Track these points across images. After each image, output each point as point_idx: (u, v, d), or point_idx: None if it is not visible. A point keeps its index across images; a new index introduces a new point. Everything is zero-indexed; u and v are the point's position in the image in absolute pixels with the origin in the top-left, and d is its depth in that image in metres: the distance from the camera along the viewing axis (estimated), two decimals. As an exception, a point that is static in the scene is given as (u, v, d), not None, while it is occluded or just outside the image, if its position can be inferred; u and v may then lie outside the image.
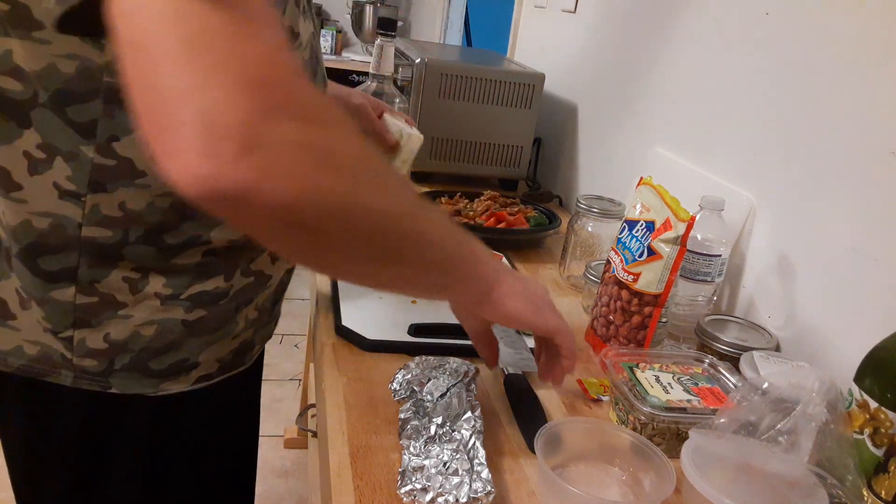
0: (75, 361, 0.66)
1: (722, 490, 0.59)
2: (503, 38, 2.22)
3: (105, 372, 0.67)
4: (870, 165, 0.81)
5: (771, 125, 0.98)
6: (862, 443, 0.64)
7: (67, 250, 0.63)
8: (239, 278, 0.71)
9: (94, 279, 0.64)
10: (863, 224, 0.81)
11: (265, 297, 0.77)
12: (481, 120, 1.54)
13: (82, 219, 0.62)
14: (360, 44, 4.28)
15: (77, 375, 0.67)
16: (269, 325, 0.82)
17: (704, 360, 0.82)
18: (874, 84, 0.81)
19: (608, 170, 1.47)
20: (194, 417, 0.75)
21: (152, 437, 0.74)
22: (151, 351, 0.67)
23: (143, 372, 0.68)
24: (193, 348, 0.70)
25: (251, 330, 0.76)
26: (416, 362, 0.77)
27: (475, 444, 0.64)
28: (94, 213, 0.62)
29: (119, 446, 0.73)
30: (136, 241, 0.63)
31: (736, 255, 1.02)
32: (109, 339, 0.66)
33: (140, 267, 0.65)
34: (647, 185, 0.89)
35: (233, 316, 0.72)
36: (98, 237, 0.62)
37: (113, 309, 0.65)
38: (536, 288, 0.71)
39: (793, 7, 0.95)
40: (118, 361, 0.67)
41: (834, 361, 0.83)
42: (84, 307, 0.65)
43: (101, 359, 0.66)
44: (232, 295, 0.71)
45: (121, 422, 0.71)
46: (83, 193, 0.61)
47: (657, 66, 1.29)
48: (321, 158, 0.44)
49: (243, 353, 0.77)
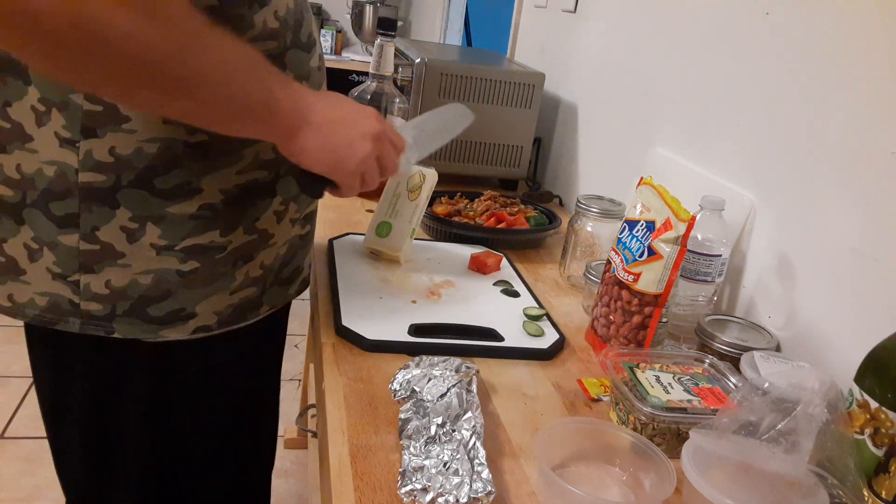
0: (82, 306, 0.71)
1: (722, 490, 0.59)
2: (503, 38, 2.22)
3: (108, 316, 0.72)
4: (870, 165, 0.81)
5: (771, 125, 0.98)
6: (862, 443, 0.64)
7: (70, 196, 0.68)
8: (240, 235, 0.75)
9: (94, 226, 0.69)
10: (863, 224, 0.81)
11: (271, 256, 0.80)
12: (481, 120, 1.53)
13: (78, 164, 0.67)
14: (360, 44, 4.28)
15: (84, 321, 0.72)
16: (280, 289, 0.84)
17: (705, 361, 0.82)
18: (874, 84, 0.81)
19: (608, 170, 1.47)
20: (198, 367, 0.80)
21: (159, 385, 0.78)
22: (149, 298, 0.72)
23: (142, 318, 0.72)
24: (189, 299, 0.74)
25: (254, 288, 0.79)
26: (416, 362, 0.77)
27: (475, 444, 0.64)
28: (87, 158, 0.67)
29: (128, 394, 0.78)
30: (129, 185, 0.68)
31: (736, 255, 1.02)
32: (110, 285, 0.71)
33: (137, 216, 0.69)
34: (648, 184, 0.89)
35: (229, 270, 0.75)
36: (93, 182, 0.67)
37: (112, 257, 0.70)
38: (345, 133, 0.72)
39: (793, 7, 0.95)
40: (119, 307, 0.71)
41: (834, 361, 0.83)
42: (87, 253, 0.69)
43: (104, 303, 0.71)
44: (230, 250, 0.75)
45: (127, 369, 0.76)
46: (77, 140, 0.66)
47: (657, 66, 1.29)
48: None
49: (245, 311, 0.79)
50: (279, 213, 0.79)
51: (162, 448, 0.82)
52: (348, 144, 0.73)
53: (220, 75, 0.60)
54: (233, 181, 0.73)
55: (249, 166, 0.74)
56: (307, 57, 0.78)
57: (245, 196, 0.74)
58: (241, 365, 0.85)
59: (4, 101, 0.67)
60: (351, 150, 0.73)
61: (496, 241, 1.22)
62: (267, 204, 0.77)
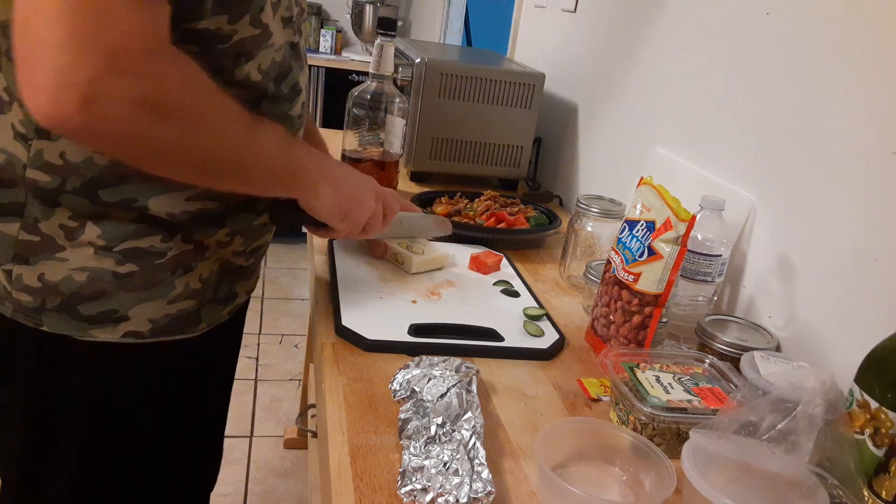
0: (14, 295, 0.72)
1: (722, 490, 0.59)
2: (503, 38, 2.22)
3: (38, 309, 0.72)
4: (870, 165, 0.81)
5: (771, 125, 0.98)
6: (862, 443, 0.64)
7: (16, 187, 0.69)
8: (178, 242, 0.75)
9: (37, 218, 0.70)
10: (863, 224, 0.81)
11: (208, 270, 0.80)
12: (481, 120, 1.54)
13: (27, 160, 0.68)
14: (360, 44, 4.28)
15: (15, 308, 0.73)
16: (216, 308, 0.83)
17: (705, 361, 0.82)
18: (874, 84, 0.81)
19: (608, 170, 1.47)
20: (135, 377, 0.79)
21: (95, 390, 0.78)
22: (81, 296, 0.72)
23: (72, 315, 0.72)
24: (124, 301, 0.74)
25: (193, 301, 0.79)
26: (416, 362, 0.77)
27: (475, 444, 0.64)
28: (37, 157, 0.68)
29: (65, 390, 0.77)
30: (73, 192, 0.69)
31: (736, 256, 1.02)
32: (43, 279, 0.71)
33: (77, 215, 0.70)
34: (648, 184, 0.89)
35: (168, 278, 0.75)
36: (39, 180, 0.68)
37: (51, 251, 0.71)
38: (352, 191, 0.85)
39: (793, 7, 0.95)
40: (49, 302, 0.72)
41: (834, 361, 0.83)
42: (25, 244, 0.70)
43: (34, 296, 0.72)
44: (170, 257, 0.75)
45: (62, 364, 0.76)
46: (31, 137, 0.67)
47: (657, 66, 1.29)
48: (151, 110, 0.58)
49: (184, 323, 0.79)
50: (223, 244, 0.79)
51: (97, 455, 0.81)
52: (358, 199, 0.86)
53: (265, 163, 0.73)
54: (181, 206, 0.73)
55: (200, 196, 0.74)
56: (287, 106, 0.80)
57: (191, 222, 0.75)
58: (179, 380, 0.84)
59: None
60: (360, 204, 0.86)
61: (496, 241, 1.22)
62: (212, 233, 0.77)
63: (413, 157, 1.53)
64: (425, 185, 1.55)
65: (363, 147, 1.37)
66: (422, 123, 1.50)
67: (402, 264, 1.06)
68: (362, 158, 1.36)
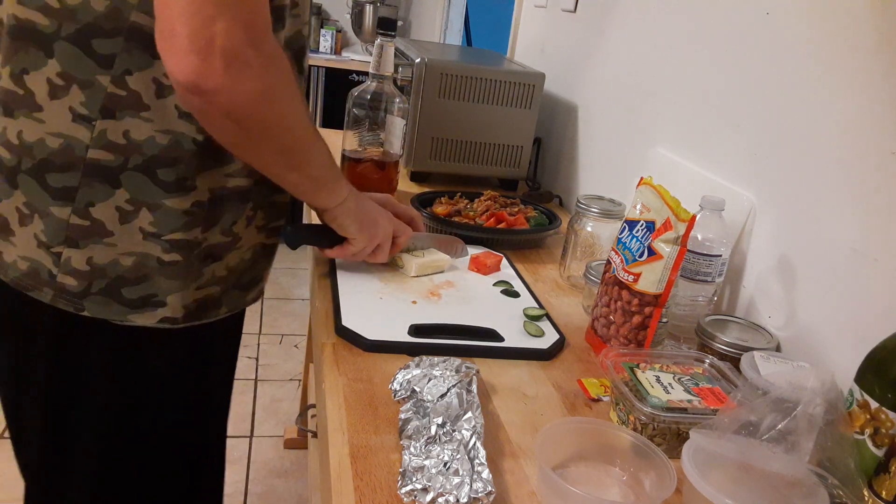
0: (59, 278, 0.74)
1: (722, 490, 0.59)
2: (503, 38, 2.22)
3: (82, 293, 0.75)
4: (870, 166, 0.81)
5: (771, 125, 0.98)
6: (863, 443, 0.64)
7: (72, 170, 0.72)
8: (216, 234, 0.80)
9: (90, 202, 0.72)
10: (863, 224, 0.81)
11: (236, 258, 0.84)
12: (481, 120, 1.54)
13: (90, 141, 0.71)
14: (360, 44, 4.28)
15: (56, 294, 0.75)
16: (239, 293, 0.87)
17: (705, 361, 0.82)
18: (874, 84, 0.81)
19: (608, 170, 1.47)
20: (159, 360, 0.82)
21: (119, 374, 0.80)
22: (126, 280, 0.75)
23: (115, 298, 0.76)
24: (163, 287, 0.77)
25: (217, 287, 0.83)
26: (416, 362, 0.77)
27: (476, 444, 0.64)
28: (101, 136, 0.71)
29: (87, 376, 0.79)
30: (135, 168, 0.72)
31: (736, 256, 1.02)
32: (92, 262, 0.74)
33: (134, 199, 0.73)
34: (648, 184, 0.89)
35: (199, 266, 0.80)
36: (101, 159, 0.71)
37: (101, 235, 0.73)
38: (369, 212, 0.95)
39: (793, 7, 0.95)
40: (95, 285, 0.75)
41: (834, 361, 0.83)
42: (76, 228, 0.73)
43: (81, 279, 0.74)
44: (204, 247, 0.79)
45: (88, 351, 0.78)
46: (94, 118, 0.70)
47: (657, 66, 1.29)
48: (272, 86, 0.68)
49: (206, 308, 0.82)
50: (249, 218, 0.84)
51: (118, 440, 0.84)
52: (374, 219, 0.96)
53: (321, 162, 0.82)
54: (220, 182, 0.78)
55: (237, 171, 0.79)
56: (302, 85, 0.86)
57: (227, 198, 0.79)
58: (197, 363, 0.87)
59: (22, 69, 0.70)
60: (375, 224, 0.96)
61: (496, 241, 1.22)
62: (242, 208, 0.82)
63: (413, 157, 1.53)
64: (425, 185, 1.55)
65: (363, 147, 1.37)
66: (422, 123, 1.50)
67: (402, 268, 1.06)
68: (362, 158, 1.36)
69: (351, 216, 0.91)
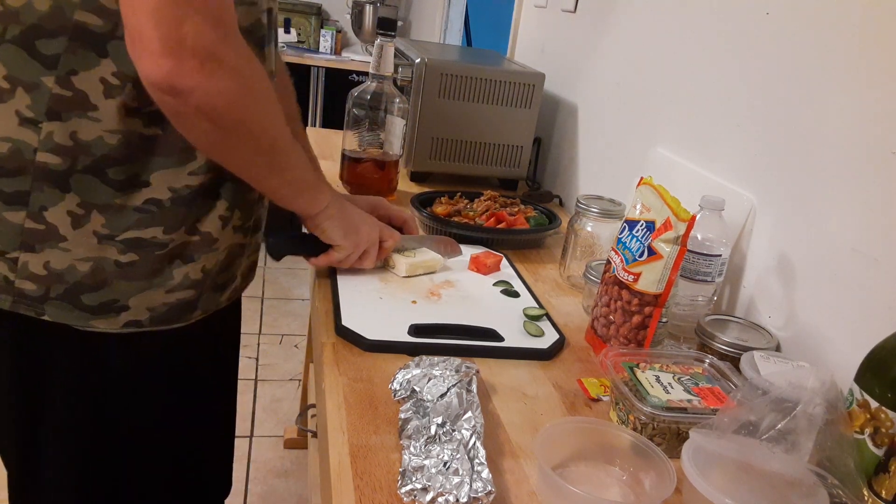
0: (17, 284, 0.72)
1: (722, 490, 0.59)
2: (503, 38, 2.22)
3: (41, 298, 0.73)
4: (870, 165, 0.81)
5: (771, 125, 0.98)
6: (862, 443, 0.64)
7: (23, 174, 0.70)
8: (181, 234, 0.77)
9: (43, 206, 0.71)
10: (863, 224, 0.81)
11: (212, 260, 0.81)
12: (481, 120, 1.54)
13: (38, 144, 0.69)
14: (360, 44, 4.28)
15: (15, 299, 0.73)
16: (214, 295, 0.84)
17: (705, 360, 0.82)
18: (874, 84, 0.81)
19: (608, 170, 1.47)
20: (126, 362, 0.80)
21: (87, 375, 0.78)
22: (84, 286, 0.74)
23: (75, 304, 0.74)
24: (124, 291, 0.75)
25: (192, 291, 0.80)
26: (416, 362, 0.77)
27: (475, 443, 0.64)
28: (48, 139, 0.69)
29: (53, 381, 0.78)
30: (83, 171, 0.71)
31: (736, 255, 1.02)
32: (49, 267, 0.72)
33: (84, 203, 0.72)
34: (648, 184, 0.89)
35: (167, 268, 0.77)
36: (49, 163, 0.70)
37: (55, 239, 0.72)
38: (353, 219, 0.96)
39: (793, 7, 0.95)
40: (53, 290, 0.73)
41: (834, 361, 0.83)
42: (31, 232, 0.71)
43: (39, 284, 0.73)
44: (170, 248, 0.77)
45: (52, 355, 0.77)
46: (40, 121, 0.69)
47: (657, 66, 1.29)
48: (247, 85, 0.68)
49: (181, 312, 0.80)
50: (224, 219, 0.81)
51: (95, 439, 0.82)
52: (358, 225, 0.96)
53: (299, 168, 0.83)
54: (183, 181, 0.76)
55: (201, 168, 0.76)
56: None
57: (193, 197, 0.77)
58: (174, 366, 0.85)
59: None
60: (359, 230, 0.96)
61: (496, 241, 1.22)
62: (211, 206, 0.79)
63: (413, 157, 1.53)
64: (425, 185, 1.55)
65: (363, 147, 1.37)
66: (422, 123, 1.50)
67: (393, 268, 1.06)
68: (362, 158, 1.36)
69: (334, 223, 0.92)
